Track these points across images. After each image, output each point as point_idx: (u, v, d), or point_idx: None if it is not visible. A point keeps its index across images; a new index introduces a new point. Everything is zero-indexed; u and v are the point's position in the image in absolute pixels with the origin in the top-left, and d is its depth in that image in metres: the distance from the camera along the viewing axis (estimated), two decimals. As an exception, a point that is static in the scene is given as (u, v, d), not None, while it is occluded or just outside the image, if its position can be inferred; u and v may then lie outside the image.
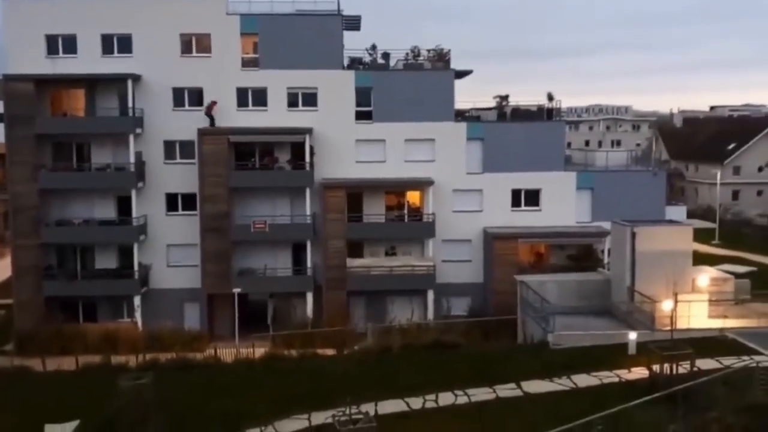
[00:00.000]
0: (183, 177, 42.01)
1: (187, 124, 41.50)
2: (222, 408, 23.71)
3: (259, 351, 33.12)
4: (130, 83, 41.02)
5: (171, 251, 42.74)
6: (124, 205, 42.05)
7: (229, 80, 42.04)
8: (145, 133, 41.95)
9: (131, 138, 41.14)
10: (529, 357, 28.50)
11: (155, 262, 42.68)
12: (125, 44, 41.73)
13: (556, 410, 21.99)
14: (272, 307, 42.03)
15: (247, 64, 42.42)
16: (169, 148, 42.41)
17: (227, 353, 33.47)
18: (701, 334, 28.41)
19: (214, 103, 41.51)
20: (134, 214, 41.58)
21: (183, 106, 42.27)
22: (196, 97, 42.23)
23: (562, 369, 25.85)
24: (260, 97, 42.38)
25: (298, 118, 42.20)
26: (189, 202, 42.32)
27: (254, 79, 42.24)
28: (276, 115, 42.15)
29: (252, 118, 42.01)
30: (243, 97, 42.35)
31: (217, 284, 41.15)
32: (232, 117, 42.01)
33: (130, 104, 41.19)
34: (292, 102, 42.61)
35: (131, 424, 21.23)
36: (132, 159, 41.28)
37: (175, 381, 26.47)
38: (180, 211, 42.61)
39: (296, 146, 42.30)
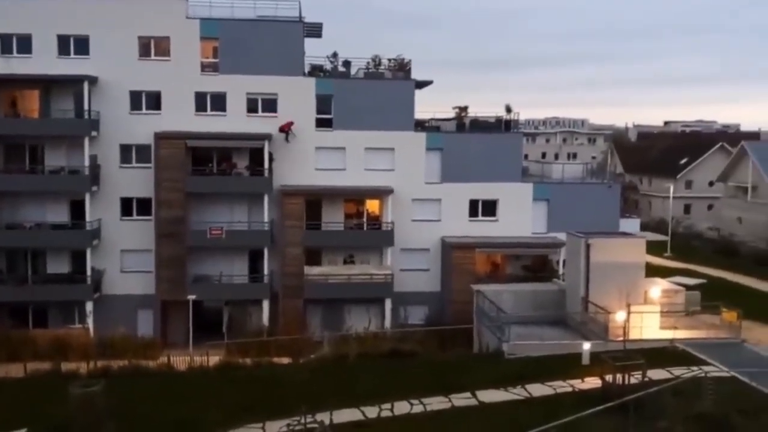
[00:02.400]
0: (139, 181, 41.46)
1: (144, 128, 40.99)
2: (175, 416, 23.36)
3: (214, 359, 32.72)
4: (86, 85, 40.35)
5: (125, 257, 42.10)
6: (77, 209, 41.28)
7: (187, 84, 41.66)
8: (100, 137, 41.29)
9: (86, 141, 40.46)
10: (484, 366, 28.69)
11: (108, 267, 41.98)
12: (82, 46, 41.09)
13: (511, 420, 22.16)
14: (227, 315, 41.60)
15: (206, 68, 42.10)
16: (125, 151, 41.82)
17: (181, 361, 32.98)
18: (653, 345, 28.94)
19: (291, 123, 41.58)
20: (88, 218, 40.84)
21: (140, 109, 41.75)
22: (154, 100, 41.78)
23: (517, 378, 26.07)
24: (219, 102, 42.07)
25: (258, 124, 41.97)
26: (144, 206, 41.77)
27: (213, 83, 41.94)
28: (235, 121, 41.87)
29: (210, 123, 41.67)
30: (201, 102, 41.99)
31: (171, 291, 40.61)
32: (190, 121, 41.60)
33: (86, 107, 40.47)
34: (252, 108, 42.38)
35: (81, 433, 20.81)
36: (87, 162, 40.57)
37: (127, 389, 26.02)
38: (135, 216, 42.02)
39: (255, 152, 42.04)
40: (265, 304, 41.12)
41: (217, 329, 40.10)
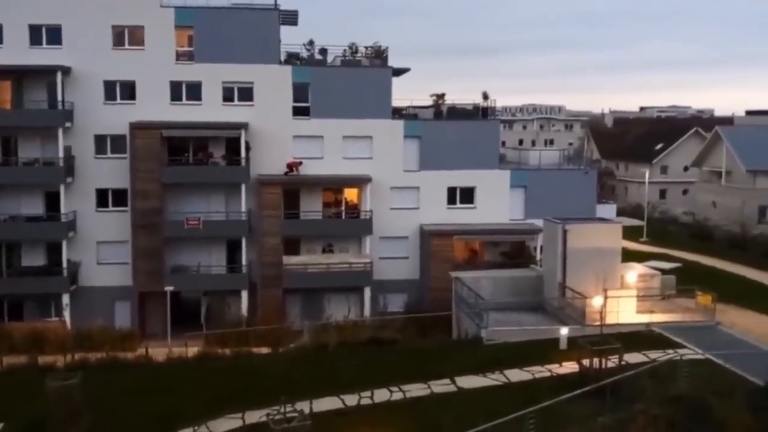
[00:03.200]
0: (114, 172, 41.13)
1: (119, 118, 40.63)
2: (154, 408, 23.25)
3: (192, 350, 32.54)
4: (59, 75, 39.88)
5: (101, 248, 41.78)
6: (52, 201, 40.89)
7: (162, 74, 41.31)
8: (75, 127, 40.85)
9: (60, 132, 40.04)
10: (463, 353, 28.84)
11: (85, 259, 41.64)
12: (54, 35, 40.59)
13: (490, 405, 22.29)
14: (206, 306, 41.47)
15: (181, 57, 41.78)
16: (100, 142, 41.46)
17: (159, 352, 32.80)
18: (629, 329, 29.21)
19: (299, 164, 41.57)
20: (63, 210, 40.46)
21: (115, 99, 41.40)
22: (129, 90, 41.43)
23: (496, 364, 26.22)
24: (195, 91, 41.79)
25: (234, 113, 41.73)
26: (120, 197, 41.47)
27: (189, 72, 41.61)
28: (211, 110, 41.61)
29: (186, 113, 41.37)
30: (177, 91, 41.70)
31: (148, 282, 40.38)
32: (166, 111, 41.25)
33: (59, 97, 40.04)
34: (228, 96, 42.14)
35: (60, 426, 20.66)
36: (61, 153, 40.18)
37: (105, 381, 25.85)
38: (111, 207, 41.73)
39: (231, 141, 41.82)
40: (244, 295, 41.02)
41: (195, 320, 39.98)
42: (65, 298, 40.32)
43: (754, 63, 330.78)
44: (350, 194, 44.17)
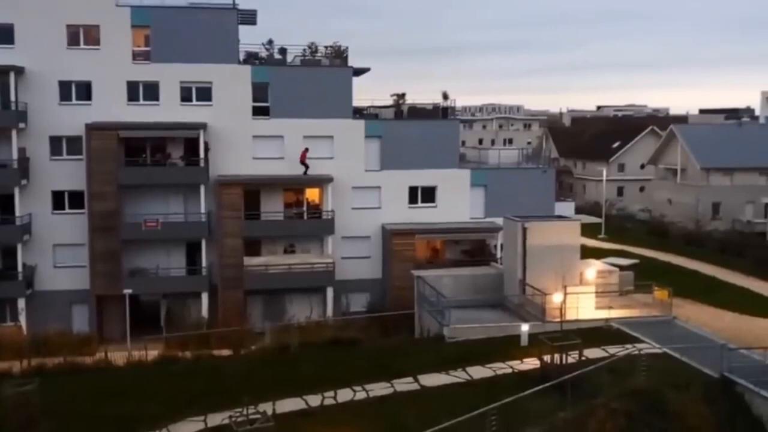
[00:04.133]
0: (70, 174, 40.40)
1: (75, 119, 39.92)
2: (114, 412, 22.92)
3: (152, 353, 32.18)
4: (12, 75, 39.04)
5: (58, 251, 41.01)
6: (6, 204, 39.91)
7: (119, 74, 40.70)
8: (29, 128, 40.04)
9: (14, 133, 39.20)
10: (425, 351, 28.98)
11: (41, 262, 40.84)
12: (7, 34, 39.68)
13: (453, 402, 22.44)
14: (165, 308, 40.96)
15: (138, 57, 41.19)
16: (56, 143, 40.70)
17: (119, 356, 32.33)
18: (588, 325, 29.65)
19: (306, 150, 41.38)
20: (17, 213, 39.62)
21: (70, 100, 40.65)
22: (84, 90, 40.71)
23: (458, 361, 26.40)
24: (152, 91, 41.23)
25: (192, 113, 41.30)
26: (77, 200, 40.74)
27: (146, 72, 41.07)
28: (169, 110, 41.11)
29: (143, 113, 40.82)
30: (134, 91, 41.10)
31: (106, 285, 39.76)
32: (123, 112, 40.67)
33: (12, 98, 39.18)
34: (186, 97, 41.68)
35: (16, 433, 20.25)
36: (15, 155, 39.34)
37: (63, 386, 25.42)
38: (67, 210, 40.97)
39: (190, 142, 41.39)
40: (204, 297, 40.62)
41: (155, 323, 39.46)
42: (21, 303, 39.50)
43: (706, 64, 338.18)
44: (312, 194, 44.02)
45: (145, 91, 41.23)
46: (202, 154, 40.87)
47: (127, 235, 40.12)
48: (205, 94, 41.80)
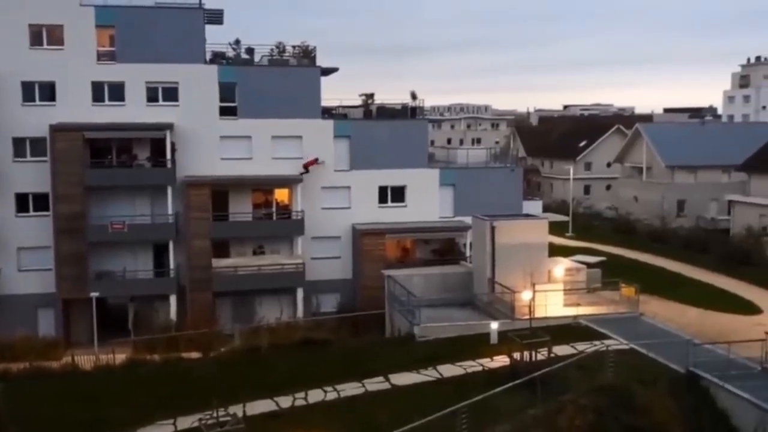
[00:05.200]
0: (34, 176, 39.72)
1: (39, 120, 39.24)
2: (82, 417, 22.66)
3: (120, 357, 31.83)
4: (-28, 76, 38.33)
5: (22, 254, 40.33)
6: (-33, 207, 39.25)
7: (83, 74, 40.13)
8: (-10, 130, 39.33)
9: (-25, 134, 38.47)
10: (396, 350, 29.06)
11: (5, 266, 40.12)
12: (-34, 34, 38.94)
13: (424, 401, 22.53)
14: (133, 311, 40.44)
15: (103, 57, 40.64)
16: (19, 145, 40.00)
17: (86, 360, 31.92)
18: (557, 322, 29.98)
19: (315, 161, 41.50)
20: (-20, 215, 38.90)
21: (33, 101, 39.98)
22: (48, 91, 40.06)
23: (428, 360, 26.52)
24: (117, 92, 40.71)
25: (159, 114, 40.87)
26: (41, 202, 40.08)
27: (111, 72, 40.54)
28: (135, 111, 40.63)
29: (109, 114, 40.29)
30: (99, 92, 40.55)
31: (72, 288, 39.18)
32: (88, 112, 40.10)
33: (-27, 98, 38.47)
34: (152, 97, 41.21)
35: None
36: (-24, 157, 38.61)
37: (29, 391, 25.08)
38: (31, 212, 40.29)
39: (156, 143, 40.93)
40: (172, 299, 40.23)
41: (122, 327, 38.98)
42: (-16, 308, 38.80)
43: (672, 62, 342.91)
44: (281, 195, 43.81)
45: (110, 92, 40.69)
46: (168, 155, 40.44)
47: (94, 237, 39.58)
48: (171, 94, 41.38)
